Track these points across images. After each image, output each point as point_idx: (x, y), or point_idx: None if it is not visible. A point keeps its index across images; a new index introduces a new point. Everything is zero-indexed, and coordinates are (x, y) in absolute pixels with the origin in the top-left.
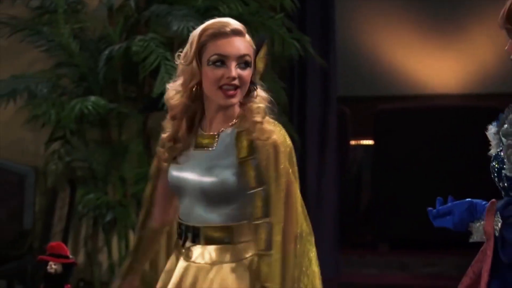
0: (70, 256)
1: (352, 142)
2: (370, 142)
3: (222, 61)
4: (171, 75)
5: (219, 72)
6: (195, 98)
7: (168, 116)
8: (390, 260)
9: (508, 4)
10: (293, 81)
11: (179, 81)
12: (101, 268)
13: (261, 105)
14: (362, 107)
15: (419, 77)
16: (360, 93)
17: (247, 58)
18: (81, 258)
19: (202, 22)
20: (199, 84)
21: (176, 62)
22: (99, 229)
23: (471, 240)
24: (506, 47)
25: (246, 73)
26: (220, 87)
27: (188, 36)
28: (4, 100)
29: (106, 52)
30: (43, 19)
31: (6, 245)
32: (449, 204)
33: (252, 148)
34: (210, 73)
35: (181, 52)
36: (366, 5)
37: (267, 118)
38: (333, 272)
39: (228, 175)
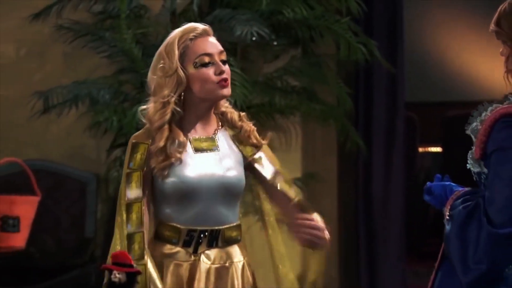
0: (134, 265)
1: (420, 149)
2: (438, 149)
3: (209, 61)
4: (234, 80)
5: (210, 71)
6: (181, 105)
7: (153, 130)
8: None
9: (499, 9)
10: (359, 86)
11: (158, 96)
12: None
13: (239, 112)
14: (431, 113)
15: (489, 82)
16: (428, 99)
17: (225, 54)
18: None
19: (266, 27)
20: (184, 90)
21: (151, 79)
22: None
23: (445, 223)
24: (500, 50)
25: (227, 68)
26: (217, 83)
27: (252, 40)
28: (66, 106)
29: None
30: (106, 24)
31: (69, 253)
32: (436, 183)
33: (253, 147)
34: (202, 75)
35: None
36: (434, 8)
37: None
38: (399, 285)
39: (241, 172)
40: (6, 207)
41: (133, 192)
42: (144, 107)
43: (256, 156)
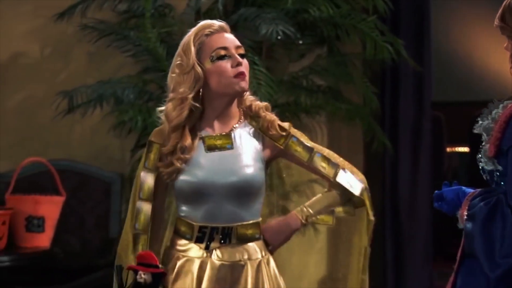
0: (160, 266)
1: (447, 149)
2: (466, 149)
3: (225, 54)
4: (259, 80)
5: (227, 64)
6: (199, 102)
7: (169, 129)
8: None
9: (504, 4)
10: (386, 85)
11: (177, 92)
12: None
13: (263, 103)
14: (458, 113)
15: None
16: (455, 98)
17: (243, 48)
18: None
19: (291, 25)
20: (202, 86)
21: (170, 78)
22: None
23: (459, 227)
24: (505, 45)
25: (245, 62)
26: (234, 77)
27: (277, 39)
28: (90, 106)
29: None
30: (130, 23)
31: (93, 254)
32: (445, 189)
33: (282, 132)
34: (219, 68)
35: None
36: (461, 6)
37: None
38: (426, 286)
39: (258, 170)
40: (31, 207)
41: (145, 192)
42: (162, 108)
43: (290, 141)
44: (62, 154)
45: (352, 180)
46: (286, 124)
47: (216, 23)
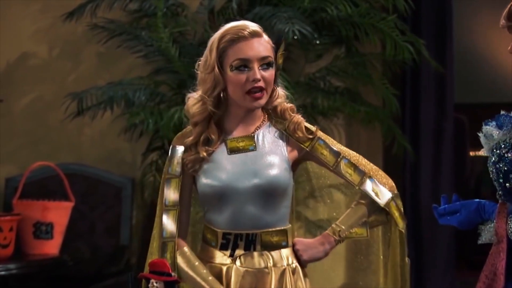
0: (173, 274)
1: (470, 153)
2: None
3: (244, 65)
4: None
5: (243, 76)
6: (221, 104)
7: (192, 123)
8: None
9: (510, 3)
10: (406, 87)
11: (200, 90)
12: None
13: (288, 104)
14: (481, 115)
15: None
16: (479, 100)
17: (269, 59)
18: None
19: (308, 25)
20: (224, 90)
21: (196, 71)
22: (198, 245)
23: (479, 242)
24: (509, 48)
25: (269, 73)
26: (248, 92)
27: (293, 39)
28: (100, 108)
29: None
30: (141, 23)
31: (103, 261)
32: (457, 203)
33: (309, 135)
34: (235, 79)
35: (200, 61)
36: (484, 4)
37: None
38: None
39: (283, 170)
40: (39, 212)
41: (170, 199)
42: (190, 95)
43: (316, 144)
44: (71, 158)
45: (378, 189)
46: (313, 127)
47: (249, 28)
